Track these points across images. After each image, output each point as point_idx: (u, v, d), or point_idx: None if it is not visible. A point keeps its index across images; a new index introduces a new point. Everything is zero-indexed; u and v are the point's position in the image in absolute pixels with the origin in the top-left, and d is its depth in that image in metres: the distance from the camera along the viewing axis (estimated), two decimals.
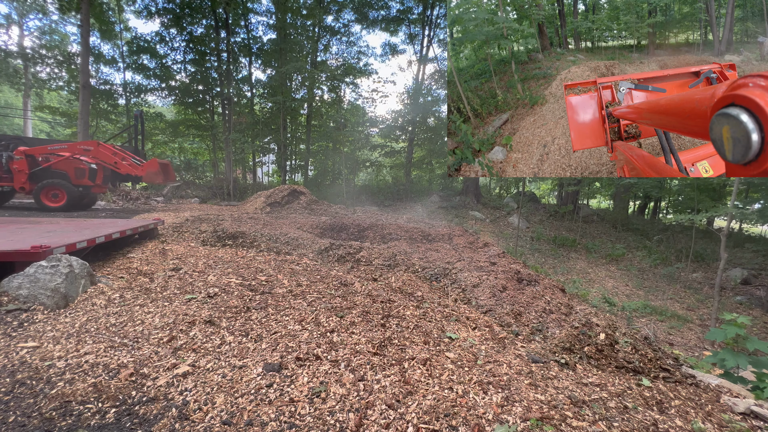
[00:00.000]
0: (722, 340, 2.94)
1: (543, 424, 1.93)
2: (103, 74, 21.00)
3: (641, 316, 8.83)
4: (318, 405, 2.00)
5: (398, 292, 4.36)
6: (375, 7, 20.61)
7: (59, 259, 3.25)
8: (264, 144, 21.55)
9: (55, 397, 1.93)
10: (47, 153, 9.23)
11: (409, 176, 21.65)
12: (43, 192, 8.88)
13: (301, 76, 20.46)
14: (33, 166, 9.08)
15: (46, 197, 8.93)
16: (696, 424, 2.12)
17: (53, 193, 8.98)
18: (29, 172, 8.99)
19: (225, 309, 3.18)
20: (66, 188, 8.97)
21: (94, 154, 9.35)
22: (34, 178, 9.06)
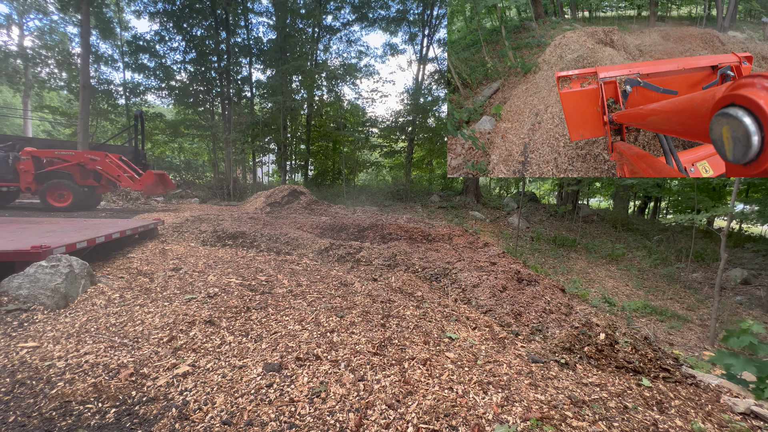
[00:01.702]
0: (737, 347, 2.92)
1: (543, 424, 1.93)
2: (103, 74, 21.01)
3: (641, 316, 8.83)
4: (318, 405, 2.00)
5: (398, 292, 4.35)
6: (374, 7, 20.62)
7: (59, 259, 3.25)
8: (264, 144, 21.54)
9: (55, 397, 1.93)
10: (53, 157, 9.35)
11: (409, 176, 21.64)
12: (49, 192, 8.97)
13: (301, 77, 20.46)
14: (39, 167, 9.18)
15: (52, 197, 9.02)
16: (696, 424, 2.12)
17: (59, 193, 9.07)
18: (35, 173, 9.09)
19: (225, 309, 3.18)
20: (72, 188, 9.07)
21: (100, 164, 9.47)
22: (39, 179, 9.16)
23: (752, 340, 2.82)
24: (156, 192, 9.94)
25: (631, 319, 8.28)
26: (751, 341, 2.83)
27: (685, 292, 11.02)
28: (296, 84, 21.34)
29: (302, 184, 21.79)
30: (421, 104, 19.37)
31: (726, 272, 11.72)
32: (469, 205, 18.65)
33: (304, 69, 19.37)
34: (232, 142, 18.77)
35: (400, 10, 20.74)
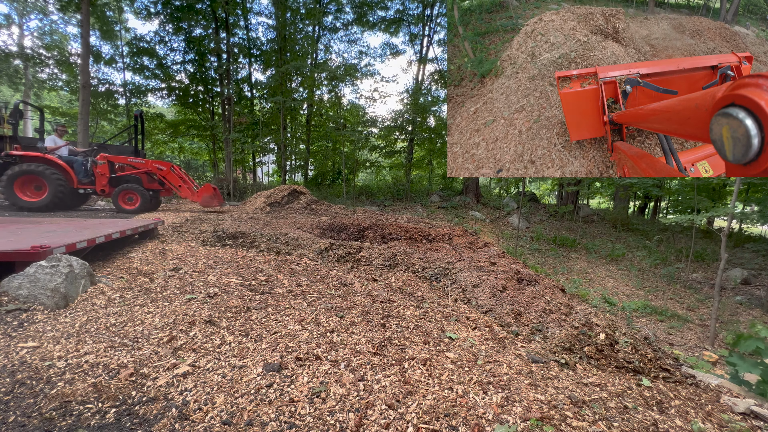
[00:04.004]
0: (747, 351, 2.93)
1: (543, 424, 1.93)
2: (103, 74, 21.02)
3: (641, 316, 8.83)
4: (318, 405, 2.00)
5: (398, 292, 4.35)
6: (374, 7, 20.61)
7: (59, 259, 3.25)
8: (264, 144, 21.54)
9: (55, 397, 1.93)
10: (125, 163, 10.09)
11: (409, 176, 21.64)
12: (121, 195, 9.60)
13: (301, 77, 20.46)
14: (112, 172, 9.94)
15: (123, 200, 9.65)
16: (696, 424, 2.12)
17: (129, 197, 9.68)
18: (109, 177, 9.82)
19: (225, 309, 3.18)
20: (140, 192, 9.68)
21: (165, 174, 10.11)
22: (112, 182, 9.89)
23: (759, 345, 2.84)
24: (212, 204, 10.42)
25: (631, 319, 8.28)
26: (758, 345, 2.84)
27: (685, 292, 11.02)
28: (296, 84, 21.35)
29: (302, 184, 21.79)
30: (421, 104, 19.38)
31: (726, 272, 11.72)
32: (469, 205, 18.65)
33: (304, 69, 19.37)
34: (232, 142, 18.77)
35: (399, 10, 20.75)
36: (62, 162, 9.33)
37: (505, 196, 24.37)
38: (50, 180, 8.91)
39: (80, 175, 9.64)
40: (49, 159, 9.16)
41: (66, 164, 9.38)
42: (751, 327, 3.00)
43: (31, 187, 9.08)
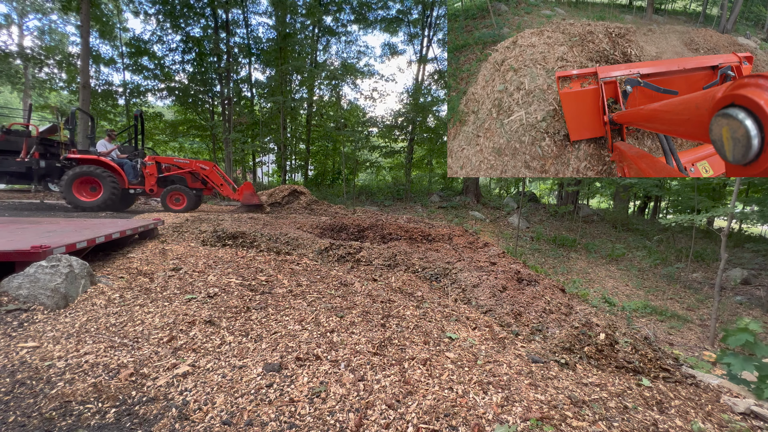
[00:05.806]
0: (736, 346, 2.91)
1: (543, 424, 1.93)
2: (103, 74, 21.01)
3: (641, 316, 8.83)
4: (318, 405, 2.00)
5: (398, 292, 4.35)
6: (374, 7, 20.61)
7: (59, 259, 3.25)
8: (264, 144, 21.54)
9: (55, 397, 1.93)
10: (171, 164, 10.58)
11: (409, 176, 21.64)
12: (169, 196, 10.05)
13: (301, 77, 20.45)
14: (160, 172, 10.42)
15: (170, 201, 10.10)
16: (696, 424, 2.12)
17: (176, 198, 10.14)
18: (157, 177, 10.30)
19: (225, 309, 3.18)
20: (186, 192, 10.14)
21: (208, 173, 10.59)
22: (160, 183, 10.37)
23: (749, 338, 2.82)
24: (252, 202, 10.80)
25: (631, 319, 8.28)
26: (748, 339, 2.82)
27: (685, 292, 11.02)
28: (296, 84, 21.35)
29: (302, 184, 21.78)
30: (421, 104, 19.38)
31: (726, 272, 11.71)
32: (469, 205, 18.65)
33: (303, 69, 19.37)
34: (232, 142, 18.77)
35: (400, 10, 20.75)
36: (114, 164, 9.84)
37: (505, 196, 24.38)
38: (105, 181, 9.41)
39: (130, 176, 10.14)
40: (103, 161, 9.69)
41: (117, 166, 9.89)
42: (738, 322, 2.99)
43: (87, 188, 9.60)
